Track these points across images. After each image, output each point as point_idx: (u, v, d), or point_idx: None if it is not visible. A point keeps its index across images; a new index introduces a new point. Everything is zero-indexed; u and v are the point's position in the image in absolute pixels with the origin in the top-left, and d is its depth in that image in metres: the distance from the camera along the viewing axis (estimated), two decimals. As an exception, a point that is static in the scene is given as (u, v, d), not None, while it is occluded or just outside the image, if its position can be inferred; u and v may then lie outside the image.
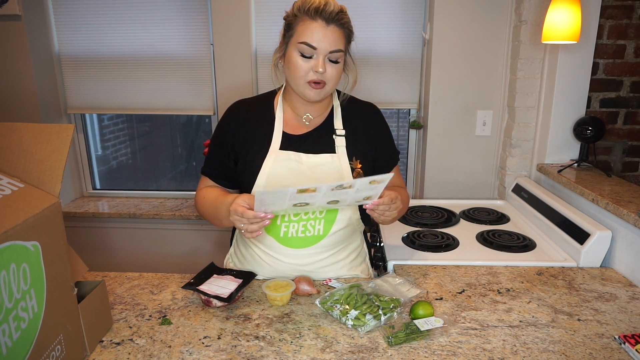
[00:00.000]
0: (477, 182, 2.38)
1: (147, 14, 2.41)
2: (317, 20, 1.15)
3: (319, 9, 1.15)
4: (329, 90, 1.24)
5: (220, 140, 1.35)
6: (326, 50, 1.17)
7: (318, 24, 1.16)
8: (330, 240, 1.32)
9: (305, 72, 1.19)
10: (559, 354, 1.04)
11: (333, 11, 1.15)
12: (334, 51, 1.18)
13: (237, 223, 1.12)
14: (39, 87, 2.42)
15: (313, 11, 1.15)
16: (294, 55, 1.19)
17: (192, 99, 2.52)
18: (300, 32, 1.17)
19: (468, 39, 2.19)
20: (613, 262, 1.52)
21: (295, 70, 1.20)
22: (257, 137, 1.31)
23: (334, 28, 1.17)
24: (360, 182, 1.07)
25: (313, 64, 1.18)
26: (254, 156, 1.29)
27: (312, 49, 1.17)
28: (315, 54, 1.18)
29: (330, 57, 1.19)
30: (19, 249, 0.79)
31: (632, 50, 2.02)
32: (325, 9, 1.15)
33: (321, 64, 1.17)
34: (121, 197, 2.76)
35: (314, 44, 1.16)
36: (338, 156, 1.30)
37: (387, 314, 1.13)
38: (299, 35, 1.18)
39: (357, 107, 1.38)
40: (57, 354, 0.91)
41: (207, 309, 1.20)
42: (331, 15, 1.15)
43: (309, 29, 1.16)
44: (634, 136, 2.13)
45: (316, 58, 1.18)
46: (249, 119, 1.33)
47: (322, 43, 1.16)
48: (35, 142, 0.94)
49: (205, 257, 2.43)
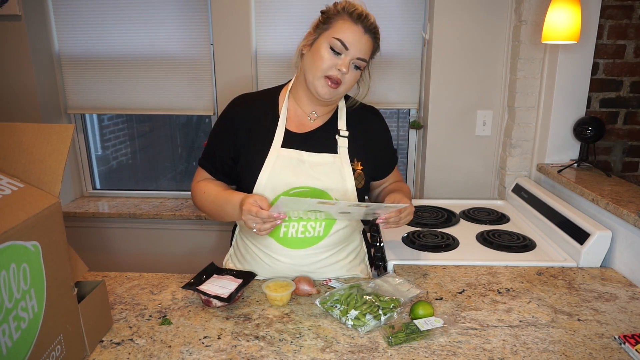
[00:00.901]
0: (477, 182, 2.38)
1: (147, 14, 2.41)
2: (358, 25, 1.20)
3: (361, 16, 1.20)
4: (341, 92, 1.25)
5: (221, 135, 1.34)
6: (355, 55, 1.20)
7: (358, 28, 1.20)
8: (330, 240, 1.32)
9: (329, 66, 1.20)
10: (559, 354, 1.04)
11: (373, 24, 1.22)
12: (361, 59, 1.21)
13: (249, 222, 1.15)
14: (39, 87, 2.42)
15: (356, 16, 1.20)
16: (323, 46, 1.21)
17: (192, 99, 2.52)
18: (338, 28, 1.20)
19: (468, 39, 2.19)
20: (613, 262, 1.52)
21: (320, 61, 1.21)
22: (260, 134, 1.30)
23: (368, 38, 1.21)
24: (377, 205, 1.17)
25: (338, 62, 1.20)
26: (255, 154, 1.29)
27: (345, 48, 1.19)
28: (344, 54, 1.20)
29: (356, 62, 1.22)
30: (19, 249, 0.79)
31: (632, 50, 2.02)
32: (367, 19, 1.21)
33: (346, 64, 1.20)
34: (121, 197, 2.76)
35: (348, 44, 1.19)
36: (340, 156, 1.30)
37: (387, 314, 1.13)
38: (335, 31, 1.20)
39: (359, 110, 1.38)
40: (57, 354, 0.91)
41: (207, 309, 1.20)
42: (370, 26, 1.21)
43: (349, 30, 1.19)
44: (634, 136, 2.12)
45: (344, 57, 1.20)
46: (252, 115, 1.32)
47: (355, 46, 1.20)
48: (35, 142, 0.94)
49: (205, 257, 2.43)
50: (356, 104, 1.36)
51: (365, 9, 1.22)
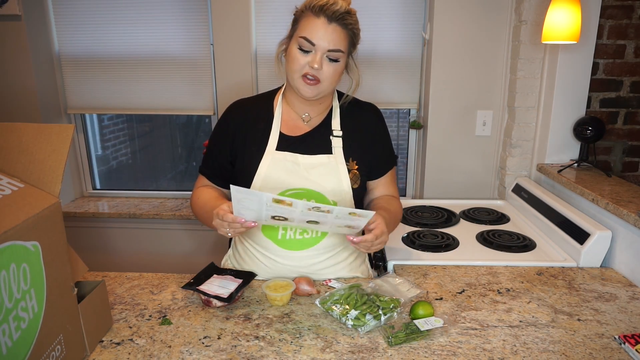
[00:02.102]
0: (477, 182, 2.38)
1: (147, 14, 2.41)
2: (320, 17, 1.16)
3: (323, 7, 1.16)
4: (324, 89, 1.23)
5: (218, 140, 1.36)
6: (324, 48, 1.18)
7: (320, 21, 1.16)
8: (328, 242, 1.31)
9: (302, 65, 1.20)
10: (559, 354, 1.04)
11: (338, 11, 1.16)
12: (333, 50, 1.18)
13: (219, 227, 1.14)
14: (39, 87, 2.42)
15: (317, 8, 1.16)
16: (293, 48, 1.21)
17: (192, 99, 2.52)
18: (302, 26, 1.19)
19: (468, 39, 2.19)
20: (613, 262, 1.52)
21: (292, 63, 1.21)
22: (255, 137, 1.31)
23: (335, 27, 1.17)
24: (339, 210, 1.06)
25: (310, 59, 1.19)
26: (251, 157, 1.29)
27: (311, 44, 1.18)
28: (313, 50, 1.18)
29: (329, 55, 1.19)
30: (19, 249, 0.79)
31: (632, 50, 2.02)
32: (330, 8, 1.15)
33: (317, 61, 1.18)
34: (121, 197, 2.76)
35: (313, 40, 1.17)
36: (335, 157, 1.30)
37: (387, 314, 1.13)
38: (300, 30, 1.19)
39: (356, 108, 1.37)
40: (57, 354, 0.91)
41: (207, 309, 1.20)
42: (335, 14, 1.16)
43: (311, 25, 1.17)
44: (634, 136, 2.12)
45: (314, 54, 1.18)
46: (247, 120, 1.33)
47: (321, 40, 1.17)
48: (35, 142, 0.94)
49: (205, 257, 2.43)
50: (348, 99, 1.34)
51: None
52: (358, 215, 1.08)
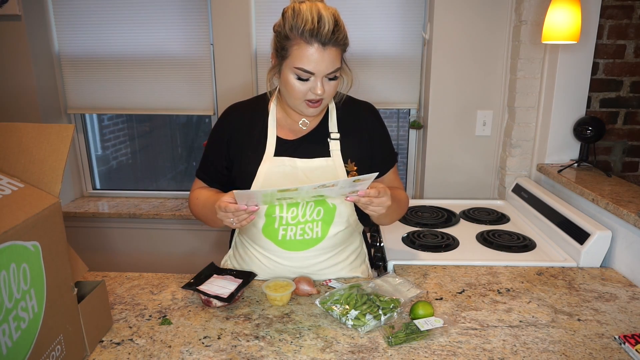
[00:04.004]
0: (477, 182, 2.38)
1: (147, 14, 2.41)
2: (314, 45, 1.09)
3: (313, 32, 1.08)
4: (326, 103, 1.23)
5: (215, 145, 1.35)
6: (323, 73, 1.13)
7: (315, 48, 1.09)
8: (329, 242, 1.31)
9: (303, 93, 1.16)
10: (559, 354, 1.04)
11: (329, 31, 1.08)
12: (331, 72, 1.14)
13: (224, 219, 1.13)
14: (39, 87, 2.42)
15: (308, 34, 1.08)
16: (290, 78, 1.15)
17: (192, 99, 2.52)
18: (295, 56, 1.11)
19: (468, 39, 2.19)
20: (613, 262, 1.52)
21: (293, 92, 1.17)
22: (252, 142, 1.30)
23: (330, 49, 1.11)
24: (343, 181, 1.06)
25: (311, 86, 1.15)
26: (248, 162, 1.28)
27: (310, 73, 1.13)
28: (312, 77, 1.14)
29: (329, 76, 1.15)
30: (19, 249, 0.79)
31: (632, 50, 2.02)
32: (321, 31, 1.08)
33: (320, 87, 1.14)
34: (121, 197, 2.76)
35: (311, 70, 1.12)
36: (333, 159, 1.28)
37: (387, 314, 1.13)
38: (294, 60, 1.12)
39: (353, 107, 1.35)
40: (57, 354, 0.91)
41: (207, 309, 1.20)
42: (327, 36, 1.08)
43: (305, 54, 1.10)
44: (634, 136, 2.12)
45: (314, 80, 1.14)
46: (243, 124, 1.32)
47: (320, 66, 1.12)
48: (35, 142, 0.94)
49: (205, 258, 2.43)
50: (343, 99, 1.33)
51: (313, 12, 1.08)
52: (361, 180, 1.08)
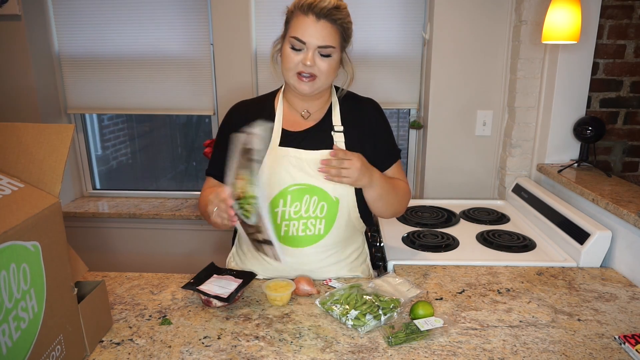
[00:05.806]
0: (477, 182, 2.38)
1: (147, 14, 2.41)
2: (309, 16, 1.18)
3: (311, 5, 1.18)
4: (321, 84, 1.25)
5: (223, 141, 1.36)
6: (315, 45, 1.20)
7: (309, 19, 1.18)
8: (330, 239, 1.32)
9: (295, 64, 1.22)
10: (559, 354, 1.04)
11: (325, 7, 1.18)
12: (324, 46, 1.20)
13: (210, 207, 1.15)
14: (39, 87, 2.42)
15: (306, 7, 1.18)
16: (286, 48, 1.23)
17: (192, 99, 2.52)
18: (293, 26, 1.21)
19: (468, 39, 2.19)
20: (613, 262, 1.52)
21: (286, 62, 1.24)
22: None
23: (324, 24, 1.19)
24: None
25: (302, 57, 1.21)
26: None
27: (302, 43, 1.20)
28: (305, 48, 1.20)
29: (320, 51, 1.21)
30: (19, 249, 0.79)
31: (632, 50, 2.02)
32: (318, 5, 1.17)
33: (309, 58, 1.20)
34: (121, 197, 2.76)
35: (304, 39, 1.19)
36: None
37: (387, 314, 1.13)
38: (291, 30, 1.22)
39: (356, 103, 1.39)
40: (57, 354, 0.91)
41: (207, 309, 1.20)
42: (322, 10, 1.18)
43: (300, 24, 1.19)
44: (634, 136, 2.12)
45: (305, 52, 1.20)
46: (249, 118, 1.32)
47: (312, 38, 1.19)
48: (35, 142, 0.94)
49: (205, 258, 2.43)
50: (344, 92, 1.37)
51: None
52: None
